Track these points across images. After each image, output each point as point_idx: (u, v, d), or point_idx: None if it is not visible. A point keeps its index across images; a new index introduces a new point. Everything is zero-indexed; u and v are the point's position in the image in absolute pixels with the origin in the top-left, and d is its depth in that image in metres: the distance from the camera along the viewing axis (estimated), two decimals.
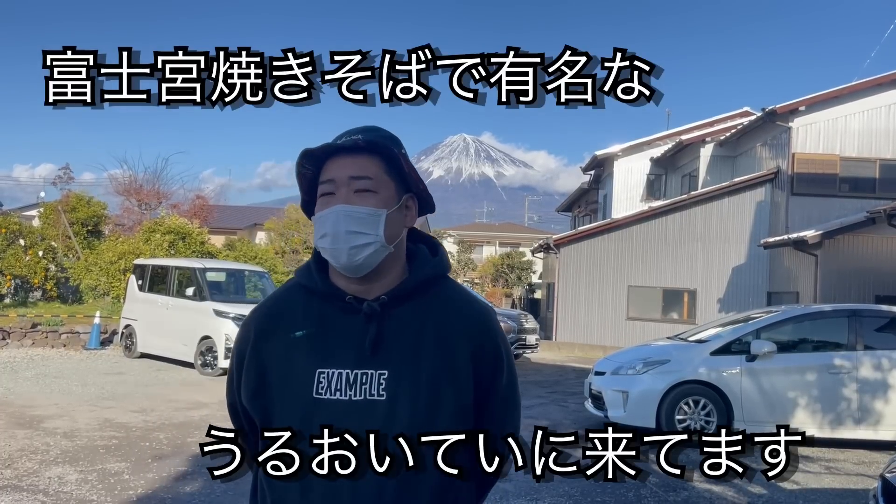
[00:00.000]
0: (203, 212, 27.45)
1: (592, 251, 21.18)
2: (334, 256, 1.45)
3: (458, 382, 1.46)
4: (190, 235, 20.81)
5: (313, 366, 1.44)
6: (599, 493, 6.04)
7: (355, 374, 1.42)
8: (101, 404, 9.07)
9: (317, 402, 1.41)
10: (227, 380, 1.63)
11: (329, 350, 1.44)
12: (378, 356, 1.42)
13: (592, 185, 30.57)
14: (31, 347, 14.97)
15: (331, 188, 1.47)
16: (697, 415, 8.12)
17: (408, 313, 1.47)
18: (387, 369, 1.42)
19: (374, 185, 1.46)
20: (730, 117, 26.06)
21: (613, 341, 19.61)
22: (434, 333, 1.46)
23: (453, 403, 1.45)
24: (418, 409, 1.41)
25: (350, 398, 1.40)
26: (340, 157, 1.47)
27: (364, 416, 1.39)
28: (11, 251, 20.40)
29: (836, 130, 18.96)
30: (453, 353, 1.46)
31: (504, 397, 1.57)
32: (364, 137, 1.47)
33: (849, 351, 8.29)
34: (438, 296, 1.51)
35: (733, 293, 20.15)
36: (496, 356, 1.53)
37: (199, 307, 12.70)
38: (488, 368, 1.51)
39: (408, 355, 1.43)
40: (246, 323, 1.57)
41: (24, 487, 5.46)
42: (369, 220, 1.44)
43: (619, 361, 8.79)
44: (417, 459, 1.39)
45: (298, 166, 1.50)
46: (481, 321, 1.53)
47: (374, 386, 1.41)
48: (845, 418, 8.15)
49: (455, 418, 1.44)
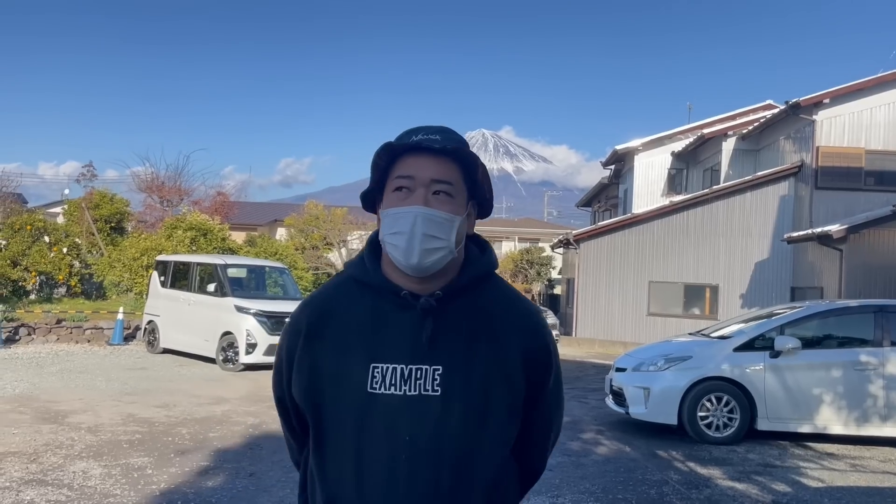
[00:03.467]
0: (224, 208, 27.64)
1: (613, 246, 21.03)
2: (406, 255, 1.44)
3: (511, 381, 1.47)
4: (211, 232, 20.95)
5: (367, 360, 1.44)
6: (622, 490, 5.99)
7: (410, 369, 1.42)
8: (125, 399, 9.16)
9: (372, 396, 1.42)
10: (273, 375, 1.63)
11: (383, 345, 1.45)
12: (433, 352, 1.43)
13: (613, 179, 30.35)
14: (56, 343, 15.17)
15: (408, 184, 1.46)
16: (720, 412, 8.03)
17: (461, 310, 1.48)
18: (441, 365, 1.42)
19: (453, 191, 1.47)
20: (752, 110, 25.74)
21: (634, 337, 19.48)
22: (487, 330, 1.47)
23: (505, 401, 1.46)
24: (471, 405, 1.42)
25: (405, 393, 1.41)
26: (422, 156, 1.47)
27: (419, 411, 1.41)
28: (37, 248, 20.66)
29: (860, 123, 18.66)
30: (506, 350, 1.47)
31: (552, 397, 1.59)
32: (444, 139, 1.47)
33: (875, 347, 8.15)
34: (489, 293, 1.53)
35: (756, 289, 19.92)
36: (546, 355, 1.54)
37: (220, 303, 12.78)
38: (539, 368, 1.52)
39: (461, 351, 1.44)
40: (296, 318, 1.55)
41: (50, 482, 5.52)
42: (446, 226, 1.45)
43: (641, 358, 8.71)
44: (471, 454, 1.42)
45: (377, 158, 1.50)
46: (533, 320, 1.54)
47: (429, 381, 1.42)
48: (871, 415, 8.02)
49: (507, 415, 1.47)
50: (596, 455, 7.27)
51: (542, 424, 1.59)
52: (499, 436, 1.47)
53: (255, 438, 7.34)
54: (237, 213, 29.98)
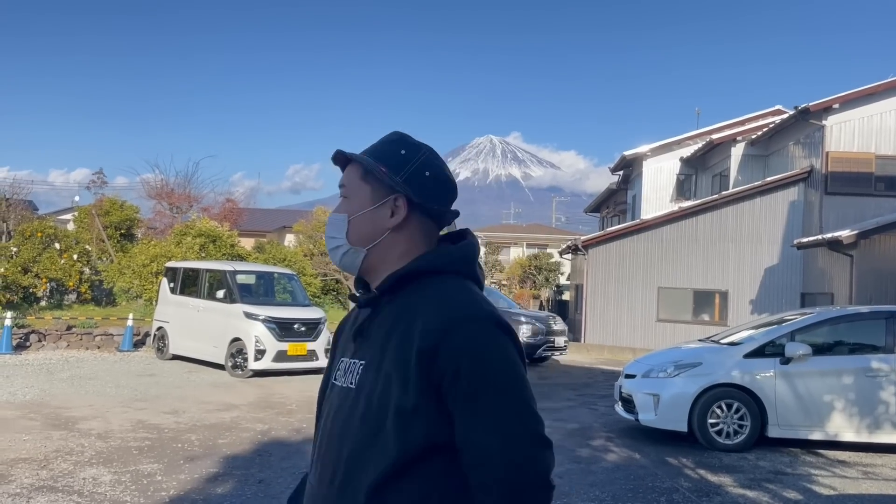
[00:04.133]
0: (233, 215, 27.78)
1: (621, 252, 20.98)
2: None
3: (404, 382, 1.38)
4: (220, 238, 21.04)
5: (340, 355, 1.58)
6: (631, 498, 5.96)
7: (349, 362, 1.52)
8: (134, 405, 9.19)
9: (333, 387, 1.55)
10: None
11: (347, 341, 1.58)
12: (361, 347, 1.51)
13: (621, 185, 30.31)
14: (66, 349, 15.24)
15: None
16: (730, 419, 7.99)
17: (393, 308, 1.49)
18: (364, 360, 1.48)
19: (348, 192, 1.57)
20: (761, 116, 25.67)
21: (643, 343, 19.41)
22: (402, 329, 1.44)
23: (395, 403, 1.38)
24: (371, 403, 1.41)
25: (342, 384, 1.51)
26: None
27: (341, 403, 1.49)
28: (47, 255, 20.79)
29: (871, 128, 18.57)
30: (407, 351, 1.39)
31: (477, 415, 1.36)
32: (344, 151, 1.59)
33: (887, 353, 8.10)
34: (423, 292, 1.46)
35: (766, 294, 19.83)
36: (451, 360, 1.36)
37: (229, 309, 12.82)
38: (440, 376, 1.36)
39: (378, 348, 1.46)
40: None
41: (60, 488, 5.54)
42: (336, 225, 1.56)
43: (650, 364, 8.68)
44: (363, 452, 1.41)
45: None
46: (444, 322, 1.38)
47: (355, 374, 1.48)
48: (883, 422, 7.96)
49: (395, 419, 1.37)
50: (605, 462, 7.24)
51: (472, 452, 1.36)
52: (388, 441, 1.37)
53: (264, 445, 7.34)
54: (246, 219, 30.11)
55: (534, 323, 15.96)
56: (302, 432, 7.94)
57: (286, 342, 12.44)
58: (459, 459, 1.38)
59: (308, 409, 9.27)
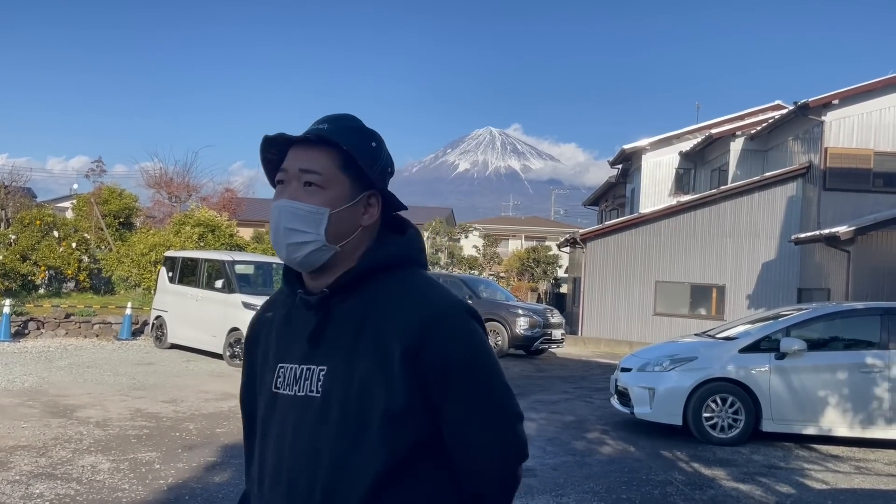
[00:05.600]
0: (232, 204, 27.79)
1: (619, 246, 21.03)
2: (277, 250, 1.41)
3: (389, 384, 1.32)
4: (219, 228, 21.05)
5: (277, 360, 1.44)
6: (625, 490, 6.02)
7: (301, 369, 1.38)
8: (133, 394, 9.23)
9: (275, 396, 1.41)
10: None
11: (287, 344, 1.43)
12: (319, 351, 1.37)
13: (620, 179, 30.34)
14: (65, 337, 15.28)
15: (284, 177, 1.41)
16: (725, 413, 8.05)
17: (352, 307, 1.38)
18: (326, 365, 1.36)
19: (323, 181, 1.38)
20: (761, 111, 25.68)
21: (640, 337, 19.49)
22: (374, 328, 1.36)
23: (382, 407, 1.32)
24: (348, 409, 1.33)
25: (294, 394, 1.38)
26: (296, 148, 1.40)
27: (302, 413, 1.36)
28: (46, 242, 20.79)
29: (870, 124, 18.60)
30: (386, 351, 1.33)
31: (471, 409, 1.37)
32: (331, 128, 1.40)
33: (881, 350, 8.15)
34: (387, 286, 1.39)
35: (763, 289, 19.90)
36: (440, 356, 1.33)
37: (227, 299, 12.85)
38: (434, 371, 1.33)
39: (345, 351, 1.36)
40: (250, 322, 1.60)
41: (59, 476, 5.58)
42: (310, 219, 1.37)
43: (646, 358, 8.73)
44: (346, 463, 1.32)
45: (262, 152, 1.45)
46: (427, 316, 1.34)
47: (314, 382, 1.36)
48: (877, 418, 8.02)
49: (384, 424, 1.32)
50: (600, 455, 7.29)
51: (466, 441, 1.37)
52: (378, 446, 1.31)
53: None
54: (245, 209, 30.12)
55: (531, 315, 16.01)
56: None
57: None
58: (449, 453, 1.38)
59: None
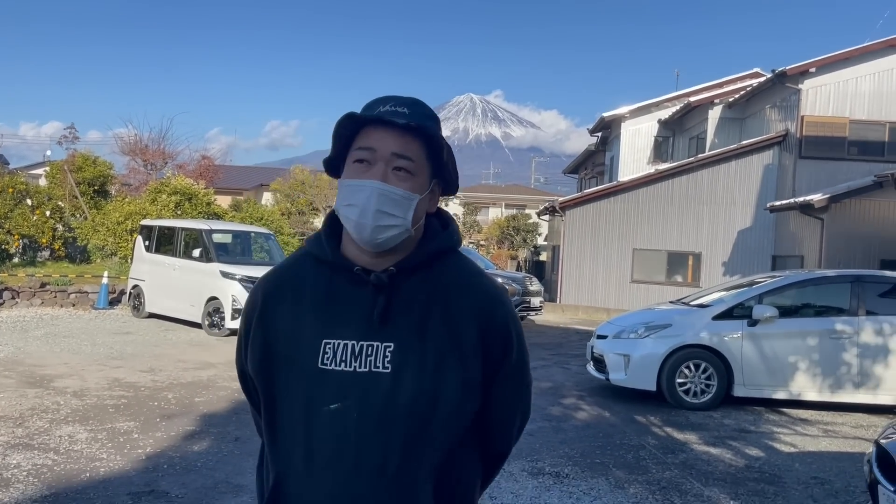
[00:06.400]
0: (209, 172, 27.45)
1: (598, 214, 21.14)
2: (357, 230, 1.42)
3: (465, 359, 1.43)
4: (196, 196, 20.84)
5: (320, 336, 1.41)
6: (599, 455, 6.14)
7: (361, 345, 1.40)
8: (110, 364, 9.21)
9: (322, 372, 1.39)
10: (236, 346, 1.61)
11: (335, 320, 1.42)
12: (385, 329, 1.40)
13: (599, 147, 30.37)
14: (41, 307, 15.14)
15: (369, 157, 1.42)
16: (698, 378, 8.20)
17: (416, 286, 1.45)
18: (393, 342, 1.40)
19: (414, 168, 1.43)
20: (739, 78, 25.75)
21: (617, 304, 19.70)
22: (442, 308, 1.44)
23: (459, 379, 1.42)
24: (423, 384, 1.39)
25: (355, 370, 1.39)
26: (386, 130, 1.42)
27: (369, 389, 1.38)
28: (19, 211, 20.47)
29: (846, 93, 18.74)
30: (461, 328, 1.43)
31: (514, 377, 1.54)
32: (411, 112, 1.43)
33: (851, 316, 8.32)
34: (447, 270, 1.49)
35: (738, 257, 20.15)
36: (505, 334, 1.49)
37: (205, 268, 12.79)
38: (497, 347, 1.48)
39: (414, 329, 1.41)
40: (254, 291, 1.54)
41: (36, 446, 5.58)
42: (402, 204, 1.42)
43: (622, 326, 8.84)
44: (421, 435, 1.39)
45: (339, 127, 1.45)
46: (491, 297, 1.50)
47: (380, 358, 1.39)
48: (845, 382, 8.22)
49: (461, 396, 1.42)
50: (576, 420, 7.42)
51: (505, 406, 1.55)
52: (451, 417, 1.41)
53: (241, 403, 7.41)
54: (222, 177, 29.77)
55: (510, 283, 16.10)
56: None
57: None
58: (485, 418, 1.52)
59: None
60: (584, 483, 5.34)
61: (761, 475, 5.78)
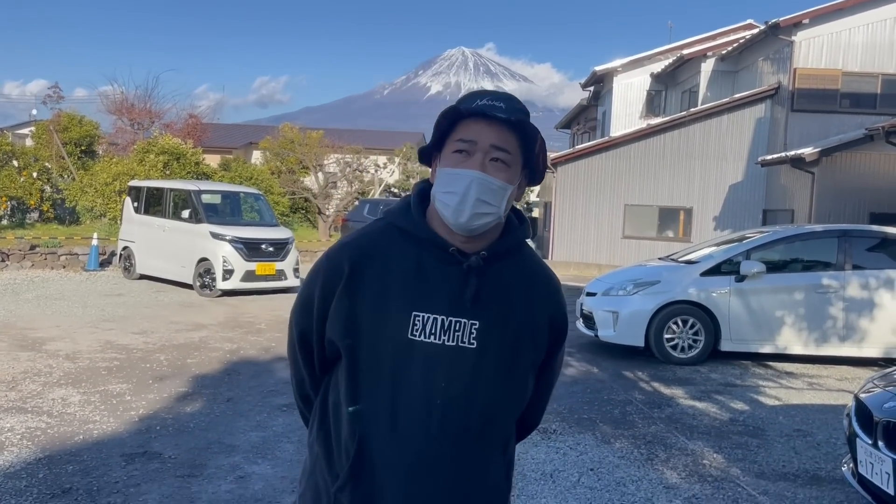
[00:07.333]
0: (196, 131, 27.16)
1: (590, 170, 21.07)
2: (455, 215, 1.51)
3: (536, 341, 1.61)
4: (184, 156, 20.67)
5: (409, 308, 1.51)
6: (587, 410, 6.23)
7: (449, 320, 1.51)
8: (102, 326, 9.24)
9: (411, 342, 1.50)
10: (297, 311, 1.65)
11: (425, 295, 1.52)
12: (473, 307, 1.52)
13: (592, 101, 30.11)
14: (31, 269, 15.12)
15: (469, 148, 1.52)
16: (686, 334, 8.29)
17: (501, 271, 1.58)
18: (479, 320, 1.52)
19: (510, 160, 1.53)
20: (733, 30, 25.41)
21: (609, 259, 19.78)
22: (522, 293, 1.59)
23: (530, 359, 1.60)
24: (503, 360, 1.55)
25: (443, 343, 1.50)
26: (485, 122, 1.51)
27: (455, 361, 1.51)
28: (6, 172, 20.30)
29: (839, 44, 18.55)
30: (535, 314, 1.60)
31: (559, 361, 1.75)
32: (507, 107, 1.52)
33: (837, 271, 8.40)
34: (525, 259, 1.64)
35: (730, 211, 20.18)
36: (563, 325, 1.68)
37: (195, 229, 12.75)
38: (557, 334, 1.66)
39: (499, 310, 1.55)
40: (336, 257, 1.59)
41: (29, 409, 5.63)
42: (498, 193, 1.52)
43: (610, 283, 8.90)
44: (497, 405, 1.56)
45: (441, 119, 1.55)
46: (557, 290, 1.68)
47: (466, 334, 1.51)
48: (830, 336, 8.33)
49: (529, 374, 1.62)
50: (564, 376, 7.51)
51: (546, 387, 1.75)
52: (520, 392, 1.61)
53: (233, 364, 7.48)
54: (210, 135, 29.46)
55: None
56: (271, 351, 8.09)
57: (254, 262, 12.48)
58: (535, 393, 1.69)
59: (277, 329, 9.40)
60: (571, 438, 5.43)
61: (745, 428, 5.90)
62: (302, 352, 1.66)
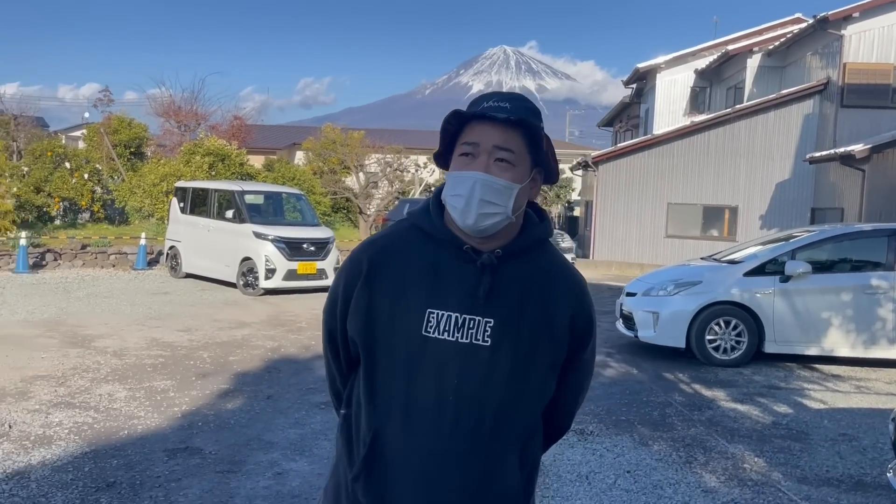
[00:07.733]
0: (241, 132, 27.62)
1: (632, 168, 20.84)
2: (462, 217, 1.53)
3: (555, 342, 1.58)
4: (229, 157, 21.05)
5: (424, 305, 1.53)
6: (625, 412, 6.17)
7: (464, 318, 1.52)
8: (149, 324, 9.47)
9: (425, 339, 1.52)
10: (327, 309, 1.70)
11: (440, 292, 1.54)
12: (487, 305, 1.53)
13: (634, 98, 29.75)
14: (82, 268, 15.57)
15: (472, 150, 1.54)
16: (728, 335, 8.14)
17: (516, 270, 1.57)
18: (493, 318, 1.52)
19: (515, 159, 1.54)
20: (780, 25, 24.86)
21: (651, 259, 19.53)
22: (538, 292, 1.58)
23: (548, 360, 1.58)
24: (518, 359, 1.54)
25: (457, 340, 1.52)
26: (487, 124, 1.53)
27: (469, 358, 1.51)
28: (58, 174, 20.93)
29: (890, 38, 18.00)
30: (554, 313, 1.58)
31: (587, 362, 1.71)
32: (513, 107, 1.53)
33: (887, 271, 8.15)
34: (542, 258, 1.63)
35: (776, 210, 19.75)
36: (588, 323, 1.65)
37: (238, 229, 12.98)
38: (580, 334, 1.63)
39: (513, 308, 1.54)
40: (357, 256, 1.63)
41: (77, 404, 5.81)
42: (504, 193, 1.52)
43: (651, 283, 8.79)
44: (512, 404, 1.54)
45: (446, 124, 1.58)
46: (580, 288, 1.65)
47: (480, 332, 1.52)
48: (879, 338, 8.09)
49: (547, 373, 1.59)
50: (603, 377, 7.45)
51: (574, 387, 1.71)
52: (538, 391, 1.59)
53: (274, 362, 7.60)
54: (255, 136, 29.95)
55: None
56: (311, 349, 8.19)
57: (296, 261, 12.66)
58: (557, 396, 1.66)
59: (317, 327, 9.51)
60: (609, 440, 5.39)
61: (788, 432, 5.77)
62: (331, 350, 1.71)
